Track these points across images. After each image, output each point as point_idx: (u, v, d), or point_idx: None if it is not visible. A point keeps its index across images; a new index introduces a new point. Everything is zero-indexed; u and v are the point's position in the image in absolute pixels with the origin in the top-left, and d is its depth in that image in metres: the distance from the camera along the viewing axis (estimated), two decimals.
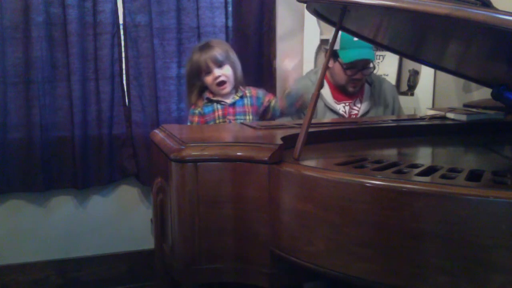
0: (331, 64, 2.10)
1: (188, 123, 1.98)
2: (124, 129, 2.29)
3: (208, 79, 1.89)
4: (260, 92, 1.99)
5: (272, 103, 1.94)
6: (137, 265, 2.41)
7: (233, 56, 1.94)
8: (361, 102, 2.13)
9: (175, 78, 2.31)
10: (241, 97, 1.94)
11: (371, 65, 2.07)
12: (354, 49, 1.99)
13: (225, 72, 1.89)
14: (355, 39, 1.90)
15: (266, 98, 1.97)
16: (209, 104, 1.92)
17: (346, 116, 2.09)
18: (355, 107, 2.11)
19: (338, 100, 2.10)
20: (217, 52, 1.88)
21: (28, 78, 2.12)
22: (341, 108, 2.09)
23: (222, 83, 1.88)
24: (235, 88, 1.94)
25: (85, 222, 2.35)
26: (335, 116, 2.08)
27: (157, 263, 1.49)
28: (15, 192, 2.22)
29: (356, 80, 2.06)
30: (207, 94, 1.93)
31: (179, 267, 1.26)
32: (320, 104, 2.08)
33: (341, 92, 2.11)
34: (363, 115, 2.09)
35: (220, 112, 1.91)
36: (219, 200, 1.21)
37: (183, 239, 1.25)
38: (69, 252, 2.34)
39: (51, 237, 2.31)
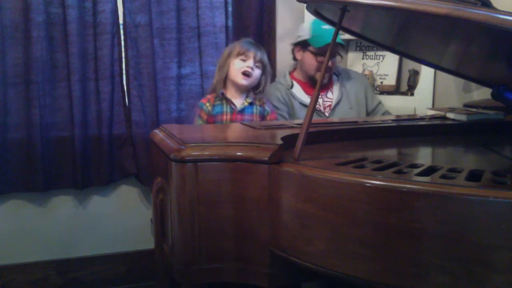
0: (299, 56, 2.17)
1: (196, 117, 1.97)
2: (124, 129, 2.29)
3: (240, 64, 1.90)
4: (268, 106, 2.00)
5: None
6: (137, 265, 2.41)
7: (270, 70, 1.99)
8: (332, 93, 2.17)
9: (175, 78, 2.31)
10: (251, 103, 1.94)
11: (339, 53, 2.15)
12: (324, 35, 2.05)
13: (256, 72, 1.92)
14: (324, 26, 2.01)
15: (270, 116, 1.98)
16: (220, 103, 1.93)
17: (321, 108, 2.13)
18: (327, 99, 2.15)
19: (310, 94, 2.13)
20: (262, 55, 1.93)
21: (28, 78, 2.12)
22: None
23: (248, 74, 1.90)
24: (247, 92, 1.95)
25: (85, 222, 2.35)
26: None
27: (157, 263, 1.49)
28: (15, 192, 2.22)
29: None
30: (223, 90, 1.94)
31: (179, 267, 1.26)
32: (295, 103, 2.13)
33: (311, 86, 2.14)
34: (336, 105, 2.13)
35: (228, 116, 1.92)
36: (219, 200, 1.21)
37: (183, 239, 1.25)
38: (69, 252, 2.34)
39: (51, 237, 2.31)
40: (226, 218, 1.21)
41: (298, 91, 2.15)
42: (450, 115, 1.76)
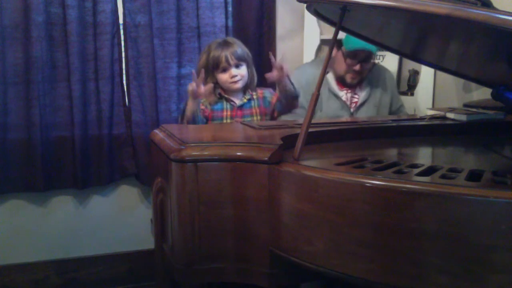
0: (334, 53, 2.11)
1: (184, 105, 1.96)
2: (124, 129, 2.29)
3: (224, 76, 1.89)
4: (267, 92, 1.99)
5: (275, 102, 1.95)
6: (137, 265, 2.41)
7: (250, 55, 1.95)
8: (361, 90, 2.17)
9: (175, 78, 2.31)
10: (249, 100, 1.95)
11: (372, 60, 2.10)
12: (357, 43, 1.99)
13: (241, 72, 1.90)
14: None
15: (274, 97, 1.97)
16: (219, 100, 1.93)
17: (348, 103, 2.12)
18: (355, 96, 2.15)
19: (340, 87, 2.14)
20: (237, 49, 1.89)
21: (28, 78, 2.11)
22: (343, 95, 2.13)
23: (237, 81, 1.89)
24: (244, 89, 1.95)
25: (85, 222, 2.34)
26: (338, 102, 2.11)
27: (157, 263, 1.49)
28: (15, 192, 2.22)
29: (355, 71, 2.07)
30: (219, 90, 1.94)
31: (179, 267, 1.26)
32: (324, 89, 2.12)
33: (341, 82, 2.15)
34: (363, 103, 2.13)
35: (228, 113, 1.91)
36: (219, 200, 1.21)
37: (183, 239, 1.25)
38: (69, 252, 2.34)
39: (51, 237, 2.31)
40: (226, 218, 1.21)
41: (331, 79, 2.15)
42: (450, 115, 1.76)
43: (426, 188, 0.94)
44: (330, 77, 2.15)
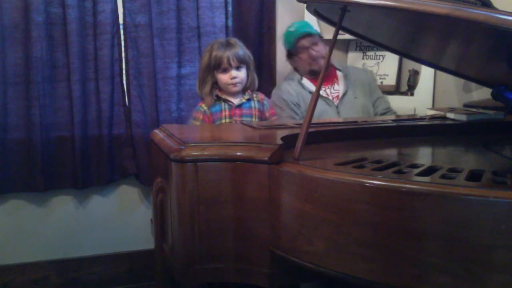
0: (294, 63, 2.27)
1: (191, 120, 1.98)
2: (124, 129, 2.29)
3: (223, 77, 1.90)
4: (266, 101, 2.02)
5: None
6: (137, 265, 2.41)
7: (251, 58, 1.97)
8: (338, 85, 2.23)
9: (175, 78, 2.31)
10: (248, 99, 1.95)
11: (319, 40, 2.21)
12: (292, 36, 2.19)
13: (241, 75, 1.91)
14: (290, 29, 2.19)
15: (269, 112, 1.99)
16: (217, 102, 1.93)
17: (330, 98, 2.18)
18: (334, 90, 2.22)
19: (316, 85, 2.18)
20: (239, 51, 1.90)
21: (28, 78, 2.12)
22: (323, 92, 2.18)
23: (236, 84, 1.91)
24: (244, 90, 1.95)
25: (85, 222, 2.34)
26: (322, 100, 2.15)
27: (157, 263, 1.49)
28: (15, 192, 2.22)
29: (314, 58, 2.16)
30: (217, 91, 1.94)
31: (179, 267, 1.26)
32: (306, 94, 2.17)
33: (315, 80, 2.20)
34: (343, 95, 2.18)
35: (227, 113, 1.92)
36: (219, 200, 1.21)
37: (183, 239, 1.25)
38: (69, 252, 2.34)
39: (51, 237, 2.31)
40: (226, 218, 1.21)
41: (307, 82, 2.21)
42: (450, 115, 1.76)
43: (426, 188, 0.94)
44: (305, 81, 2.20)
